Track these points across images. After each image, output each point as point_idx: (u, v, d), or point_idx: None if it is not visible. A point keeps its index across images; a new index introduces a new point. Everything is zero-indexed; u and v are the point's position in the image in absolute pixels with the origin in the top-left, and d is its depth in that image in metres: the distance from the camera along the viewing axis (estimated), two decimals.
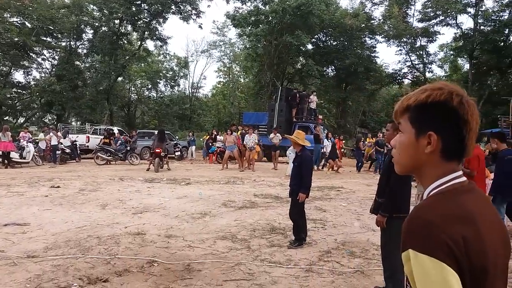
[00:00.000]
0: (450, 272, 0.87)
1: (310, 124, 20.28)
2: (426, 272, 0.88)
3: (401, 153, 1.09)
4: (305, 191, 5.35)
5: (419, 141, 1.04)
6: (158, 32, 33.51)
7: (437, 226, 0.91)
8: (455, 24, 32.34)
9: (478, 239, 0.92)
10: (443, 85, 1.04)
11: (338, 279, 4.24)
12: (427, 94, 1.03)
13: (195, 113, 42.88)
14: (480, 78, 32.54)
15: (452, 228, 0.91)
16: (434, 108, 1.02)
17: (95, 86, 31.42)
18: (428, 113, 1.03)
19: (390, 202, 3.67)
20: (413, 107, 1.05)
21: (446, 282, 0.87)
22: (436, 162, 1.03)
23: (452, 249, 0.89)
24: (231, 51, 45.69)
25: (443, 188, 1.01)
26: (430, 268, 0.88)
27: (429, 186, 1.04)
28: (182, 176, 13.35)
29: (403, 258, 0.96)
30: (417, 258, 0.90)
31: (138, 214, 7.23)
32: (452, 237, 0.89)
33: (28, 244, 5.16)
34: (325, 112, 37.62)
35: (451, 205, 0.96)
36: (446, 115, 1.02)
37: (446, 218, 0.92)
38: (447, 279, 0.87)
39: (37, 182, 10.92)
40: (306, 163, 5.49)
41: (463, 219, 0.93)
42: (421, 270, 0.89)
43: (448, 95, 1.02)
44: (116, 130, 22.88)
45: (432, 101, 1.02)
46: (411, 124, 1.06)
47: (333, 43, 35.86)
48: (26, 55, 30.36)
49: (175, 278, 4.11)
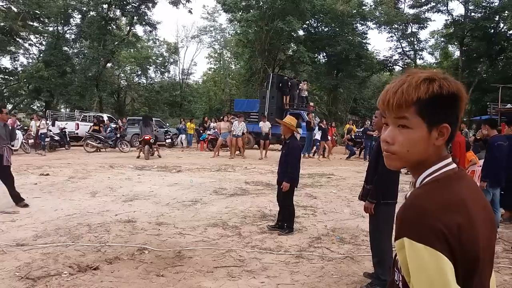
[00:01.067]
0: (445, 261, 0.88)
1: (301, 111, 20.28)
2: (421, 261, 0.88)
3: (410, 150, 1.02)
4: (289, 180, 5.31)
5: (431, 134, 1.00)
6: (147, 17, 33.09)
7: (433, 214, 0.91)
8: (446, 10, 32.39)
9: (471, 227, 0.93)
10: (439, 73, 1.02)
11: (328, 265, 4.29)
12: (439, 84, 0.99)
13: (185, 100, 42.64)
14: (470, 65, 32.74)
15: (448, 216, 0.91)
16: (449, 99, 0.99)
17: (83, 72, 31.00)
18: (442, 105, 0.99)
19: (378, 188, 3.70)
20: (426, 99, 0.98)
21: (441, 271, 0.87)
22: (440, 151, 1.03)
23: (447, 238, 0.89)
24: (222, 37, 45.35)
25: (437, 175, 1.01)
26: (425, 257, 0.88)
27: (423, 173, 1.03)
28: (173, 164, 13.31)
29: (396, 245, 0.95)
30: (413, 247, 0.89)
31: (128, 201, 7.21)
32: (447, 226, 0.89)
33: (17, 232, 5.13)
34: (316, 99, 37.69)
35: (446, 193, 0.96)
36: (457, 105, 1.01)
37: (442, 206, 0.92)
38: (442, 268, 0.87)
39: (26, 170, 10.80)
40: (294, 152, 5.45)
41: (458, 207, 0.94)
42: (416, 259, 0.89)
43: (456, 85, 1.01)
44: (105, 117, 22.66)
45: (447, 92, 0.99)
46: (421, 118, 0.99)
47: (324, 29, 35.71)
48: (13, 40, 29.81)
49: (166, 265, 4.12)
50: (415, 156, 1.03)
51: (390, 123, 1.05)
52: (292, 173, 5.37)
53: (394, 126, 1.04)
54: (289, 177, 5.34)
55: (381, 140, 1.07)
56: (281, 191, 5.46)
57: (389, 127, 1.06)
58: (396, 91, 1.01)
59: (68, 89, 29.72)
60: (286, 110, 20.54)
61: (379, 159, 3.71)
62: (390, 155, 1.05)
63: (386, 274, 3.62)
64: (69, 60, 31.90)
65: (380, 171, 3.69)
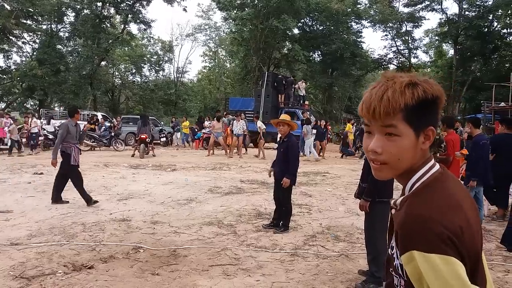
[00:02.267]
0: (459, 264, 0.87)
1: (297, 110, 20.29)
2: (438, 271, 0.86)
3: (401, 158, 0.99)
4: (290, 176, 5.36)
5: (419, 139, 0.99)
6: (141, 15, 32.96)
7: (436, 221, 0.89)
8: (440, 9, 32.54)
9: (469, 226, 0.93)
10: (419, 77, 0.99)
11: (323, 262, 4.30)
12: (423, 89, 0.96)
13: (180, 99, 42.51)
14: (464, 63, 32.92)
15: (449, 220, 0.90)
16: (434, 102, 0.98)
17: (78, 71, 30.81)
18: (428, 109, 0.98)
19: (373, 187, 3.71)
20: (413, 105, 0.95)
21: (458, 276, 0.86)
22: (425, 154, 1.02)
23: (454, 241, 0.88)
24: (217, 35, 45.24)
25: (426, 180, 1.00)
26: (441, 266, 0.86)
27: (411, 178, 1.02)
28: (168, 162, 13.28)
29: (403, 260, 0.93)
30: (426, 259, 0.87)
31: (123, 200, 7.19)
32: (451, 229, 0.89)
33: (11, 231, 5.10)
34: (311, 97, 37.73)
35: (440, 196, 0.95)
36: (439, 106, 1.00)
37: (441, 211, 0.91)
38: (458, 272, 0.86)
39: (20, 168, 10.74)
40: (293, 149, 5.50)
41: (455, 208, 0.93)
42: (433, 270, 0.87)
43: (437, 87, 0.99)
44: (100, 115, 22.54)
45: (431, 96, 0.97)
46: (408, 124, 0.97)
47: (319, 27, 35.77)
48: (6, 38, 29.52)
49: (161, 264, 4.12)
50: (405, 163, 1.00)
51: (376, 132, 1.00)
52: (294, 170, 5.38)
53: (381, 134, 0.99)
54: (291, 173, 5.34)
55: (367, 151, 1.02)
56: (280, 188, 5.47)
57: (374, 136, 1.01)
58: (381, 98, 0.96)
59: (62, 88, 29.52)
60: (281, 109, 20.54)
61: None
62: (380, 166, 1.01)
63: (380, 272, 3.63)
64: (63, 58, 31.67)
65: None
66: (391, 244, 1.06)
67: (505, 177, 6.30)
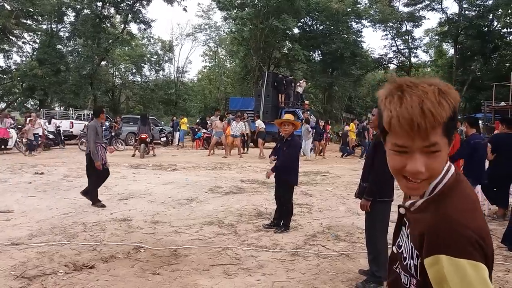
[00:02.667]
0: (485, 270, 0.86)
1: (297, 109, 20.31)
2: (466, 277, 0.84)
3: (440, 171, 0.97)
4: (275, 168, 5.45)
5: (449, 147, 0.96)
6: (141, 15, 32.98)
7: (465, 225, 0.88)
8: (440, 9, 32.55)
9: (486, 226, 0.93)
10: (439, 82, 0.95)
11: (323, 262, 4.31)
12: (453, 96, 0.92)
13: (180, 98, 42.51)
14: (464, 63, 32.94)
15: (474, 223, 0.90)
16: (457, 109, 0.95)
17: (78, 71, 30.82)
18: (455, 117, 0.94)
19: (374, 186, 3.71)
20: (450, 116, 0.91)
21: (484, 282, 0.85)
22: None
23: (481, 245, 0.88)
24: (217, 35, 45.27)
25: (447, 181, 0.97)
26: (469, 271, 0.85)
27: (432, 182, 0.98)
28: (168, 162, 13.29)
29: (427, 262, 0.90)
30: (454, 263, 0.86)
31: (123, 200, 7.20)
32: (478, 233, 0.88)
33: (12, 231, 5.10)
34: (311, 97, 37.75)
35: (463, 198, 0.94)
36: None
37: (467, 214, 0.91)
38: (484, 278, 0.85)
39: (20, 168, 10.75)
40: (296, 148, 5.55)
41: (476, 210, 0.93)
42: (460, 275, 0.85)
43: (452, 89, 0.95)
44: None
45: (456, 102, 0.93)
46: (446, 136, 0.93)
47: (319, 27, 35.78)
48: (6, 38, 29.53)
49: (161, 264, 4.12)
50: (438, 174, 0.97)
51: (417, 151, 0.93)
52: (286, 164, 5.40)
53: (422, 153, 0.93)
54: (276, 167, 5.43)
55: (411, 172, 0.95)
56: (281, 188, 5.48)
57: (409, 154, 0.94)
58: (423, 112, 0.88)
59: (62, 88, 29.54)
60: (282, 109, 20.57)
61: (375, 157, 3.73)
62: (420, 184, 0.96)
63: (381, 271, 3.64)
64: (63, 58, 31.68)
65: (376, 169, 3.71)
66: (398, 243, 1.06)
67: (506, 177, 6.30)
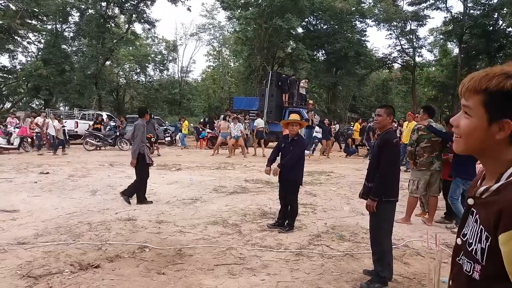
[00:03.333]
0: None
1: (301, 109, 20.30)
2: None
3: (465, 136, 1.08)
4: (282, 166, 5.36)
5: (491, 126, 1.03)
6: (146, 14, 33.07)
7: None
8: (445, 8, 32.42)
9: None
10: None
11: (327, 262, 4.31)
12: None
13: (184, 98, 42.61)
14: (469, 62, 32.77)
15: None
16: None
17: (82, 71, 30.97)
18: (508, 102, 1.00)
19: (380, 186, 3.70)
20: (493, 92, 1.01)
21: None
22: (505, 147, 1.04)
23: None
24: (221, 35, 45.33)
25: None
26: None
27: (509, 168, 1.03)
28: (173, 162, 13.32)
29: (503, 238, 0.94)
30: None
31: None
32: None
33: (18, 230, 5.14)
34: (315, 97, 37.71)
35: None
36: None
37: None
38: None
39: (26, 168, 10.81)
40: (302, 147, 5.56)
41: None
42: None
43: None
44: (105, 115, 22.64)
45: None
46: (484, 108, 1.03)
47: (323, 26, 35.72)
48: (11, 38, 29.71)
49: (166, 263, 4.14)
50: (471, 142, 1.08)
51: (461, 108, 1.10)
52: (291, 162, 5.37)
53: (462, 111, 1.09)
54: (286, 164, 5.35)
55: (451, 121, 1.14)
56: (286, 188, 5.49)
57: None
58: (472, 78, 1.05)
59: (67, 87, 29.68)
60: (286, 108, 20.56)
61: (381, 157, 3.73)
62: (457, 139, 1.11)
63: (385, 271, 3.64)
64: (68, 58, 31.83)
65: (382, 169, 3.70)
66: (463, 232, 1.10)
67: None
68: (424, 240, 5.09)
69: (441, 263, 3.01)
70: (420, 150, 5.97)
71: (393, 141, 3.81)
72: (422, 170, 5.95)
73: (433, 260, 4.04)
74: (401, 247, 4.88)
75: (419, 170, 5.99)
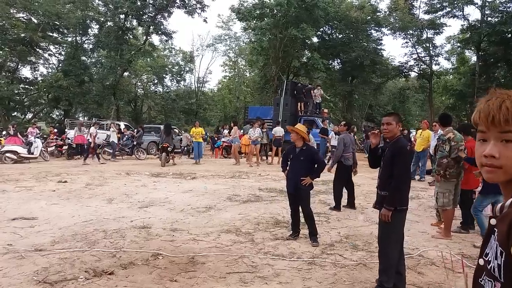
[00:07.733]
0: None
1: (316, 118, 20.24)
2: None
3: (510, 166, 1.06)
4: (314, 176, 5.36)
5: None
6: (163, 26, 33.53)
7: None
8: (461, 15, 31.98)
9: None
10: None
11: (340, 271, 4.28)
12: None
13: (201, 108, 42.94)
14: (488, 70, 32.20)
15: None
16: None
17: (101, 81, 31.57)
18: None
19: (395, 195, 3.66)
20: None
21: None
22: None
23: None
24: (237, 45, 45.71)
25: None
26: None
27: None
28: (188, 171, 13.42)
29: None
30: None
31: (143, 208, 7.31)
32: None
33: (36, 237, 5.25)
34: (331, 105, 37.52)
35: None
36: None
37: None
38: None
39: (45, 177, 11.04)
40: (317, 154, 5.62)
41: None
42: None
43: None
44: (122, 125, 22.98)
45: None
46: None
47: (338, 36, 35.65)
48: (33, 50, 30.48)
49: (179, 271, 4.17)
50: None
51: (493, 138, 1.07)
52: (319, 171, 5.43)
53: (497, 141, 1.07)
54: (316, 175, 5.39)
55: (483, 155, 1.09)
56: (297, 199, 5.43)
57: (489, 143, 1.08)
58: (500, 107, 1.05)
59: (86, 98, 30.25)
60: (300, 117, 20.54)
61: (395, 165, 3.70)
62: (495, 170, 1.07)
63: (390, 282, 3.60)
64: (87, 69, 32.48)
65: (397, 178, 3.66)
66: (485, 252, 1.10)
67: None
68: (439, 250, 5.01)
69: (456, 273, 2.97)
70: (451, 161, 5.81)
71: (407, 148, 3.83)
72: (452, 181, 5.82)
73: (447, 270, 3.97)
74: (416, 256, 4.82)
75: (449, 181, 5.78)
